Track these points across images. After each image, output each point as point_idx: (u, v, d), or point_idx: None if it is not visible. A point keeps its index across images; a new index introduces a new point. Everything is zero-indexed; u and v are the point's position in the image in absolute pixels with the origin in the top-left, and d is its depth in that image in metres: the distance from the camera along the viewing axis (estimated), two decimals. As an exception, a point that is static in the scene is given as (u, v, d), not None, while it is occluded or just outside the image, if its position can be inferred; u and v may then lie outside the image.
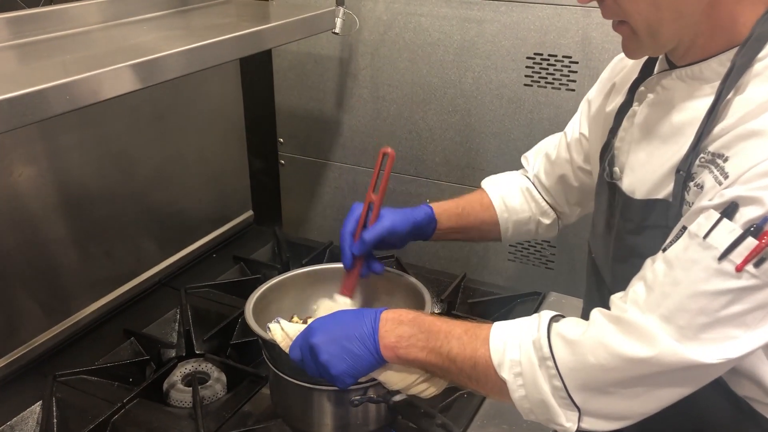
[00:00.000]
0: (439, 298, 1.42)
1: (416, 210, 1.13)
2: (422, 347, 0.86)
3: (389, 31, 1.63)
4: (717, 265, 0.68)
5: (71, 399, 1.18)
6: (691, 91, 0.81)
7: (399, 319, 0.89)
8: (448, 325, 0.87)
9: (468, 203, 1.19)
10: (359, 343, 0.87)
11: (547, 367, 0.78)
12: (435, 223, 1.14)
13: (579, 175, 1.13)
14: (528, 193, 1.19)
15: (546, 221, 1.19)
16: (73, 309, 1.36)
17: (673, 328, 0.71)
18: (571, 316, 0.83)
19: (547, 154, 1.17)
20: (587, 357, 0.75)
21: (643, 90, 0.89)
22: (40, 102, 0.83)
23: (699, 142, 0.76)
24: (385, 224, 1.07)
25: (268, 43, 1.31)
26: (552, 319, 0.82)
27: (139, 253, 1.51)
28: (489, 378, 0.82)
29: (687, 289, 0.70)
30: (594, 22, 1.41)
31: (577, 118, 1.13)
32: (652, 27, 0.77)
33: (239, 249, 1.69)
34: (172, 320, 1.42)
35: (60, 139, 1.27)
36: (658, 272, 0.74)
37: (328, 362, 0.88)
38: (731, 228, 0.68)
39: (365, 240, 1.05)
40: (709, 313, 0.69)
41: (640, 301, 0.74)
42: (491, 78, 1.56)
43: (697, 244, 0.70)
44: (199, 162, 1.63)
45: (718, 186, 0.71)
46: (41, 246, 1.27)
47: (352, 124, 1.78)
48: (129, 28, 1.19)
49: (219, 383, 1.25)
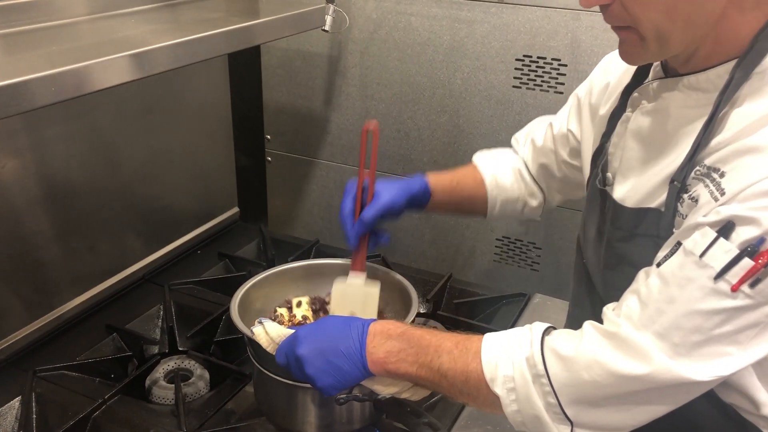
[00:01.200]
0: (425, 298, 1.42)
1: (412, 181, 1.13)
2: (412, 362, 0.85)
3: (379, 30, 1.62)
4: (713, 284, 0.69)
5: (51, 395, 1.17)
6: (688, 101, 0.81)
7: (387, 333, 0.87)
8: (437, 338, 0.85)
9: (462, 177, 1.19)
10: (346, 359, 0.86)
11: (541, 384, 0.78)
12: (429, 195, 1.14)
13: (563, 168, 1.14)
14: (519, 173, 1.20)
15: (533, 202, 1.21)
16: (56, 303, 1.35)
17: (667, 345, 0.71)
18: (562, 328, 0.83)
19: (534, 140, 1.18)
20: (581, 374, 0.75)
21: (637, 96, 0.88)
22: (26, 93, 0.81)
23: (695, 154, 0.75)
24: (383, 201, 1.06)
25: (257, 39, 1.30)
26: (544, 333, 0.81)
27: (123, 248, 1.49)
28: (481, 392, 0.81)
29: (682, 307, 0.70)
30: (583, 25, 1.42)
31: (565, 112, 1.12)
32: (662, 35, 0.75)
33: (224, 246, 1.68)
34: (156, 316, 1.41)
35: (45, 131, 1.25)
36: (652, 288, 0.73)
37: (314, 375, 0.87)
38: (728, 248, 0.68)
39: (365, 220, 1.05)
40: (703, 331, 0.70)
41: (635, 317, 0.74)
42: (480, 79, 1.56)
43: (693, 263, 0.70)
44: (185, 157, 1.61)
45: (713, 202, 0.70)
46: (24, 239, 1.26)
47: (340, 123, 1.77)
48: (117, 21, 1.18)
49: (202, 380, 1.24)
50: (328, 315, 0.97)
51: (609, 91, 0.99)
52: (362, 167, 1.07)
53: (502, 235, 1.69)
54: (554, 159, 1.14)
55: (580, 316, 1.01)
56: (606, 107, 0.98)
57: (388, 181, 1.10)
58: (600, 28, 1.40)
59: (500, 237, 1.69)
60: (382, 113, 1.70)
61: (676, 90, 0.82)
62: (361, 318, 0.91)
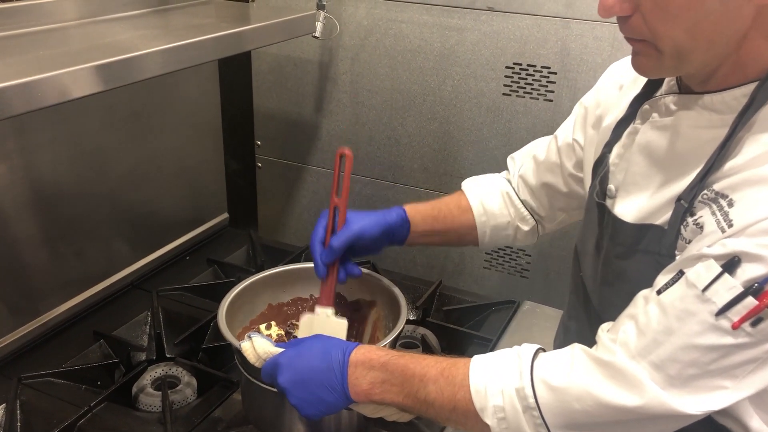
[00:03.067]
0: (414, 304, 1.42)
1: (388, 212, 1.09)
2: (397, 392, 0.84)
3: (370, 37, 1.62)
4: (713, 320, 0.67)
5: (36, 402, 1.15)
6: (700, 120, 0.78)
7: (370, 363, 0.86)
8: (421, 366, 0.84)
9: (445, 205, 1.16)
10: (328, 391, 0.85)
11: (532, 416, 0.77)
12: (408, 226, 1.11)
13: (569, 181, 1.09)
14: (507, 198, 1.16)
15: (525, 228, 1.16)
16: (42, 309, 1.33)
17: (662, 376, 0.70)
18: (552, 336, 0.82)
19: (535, 156, 1.14)
20: (572, 404, 0.75)
21: (648, 108, 0.85)
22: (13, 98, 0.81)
23: (705, 176, 0.74)
24: (352, 229, 1.04)
25: (248, 45, 1.30)
26: (534, 358, 0.79)
27: (111, 254, 1.48)
28: (469, 420, 0.81)
29: (680, 339, 0.69)
30: (573, 33, 1.42)
31: (570, 122, 1.08)
32: (682, 53, 0.73)
33: (213, 252, 1.67)
34: (143, 323, 1.40)
35: (32, 136, 1.24)
36: (651, 317, 0.72)
37: (297, 406, 0.87)
38: (732, 285, 0.66)
39: (333, 247, 1.02)
40: (700, 365, 0.69)
41: (631, 346, 0.72)
42: (470, 86, 1.56)
43: (695, 296, 0.68)
44: (174, 163, 1.61)
45: (720, 233, 0.69)
46: (10, 244, 1.25)
47: (330, 129, 1.77)
48: (106, 26, 1.17)
49: (189, 388, 1.23)
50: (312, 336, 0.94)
51: (616, 100, 0.96)
52: (334, 193, 1.04)
53: (491, 242, 1.69)
54: (560, 173, 1.10)
55: (575, 328, 1.01)
56: (612, 116, 0.95)
57: (362, 211, 1.08)
58: (590, 36, 1.41)
59: (490, 244, 1.69)
60: (373, 120, 1.70)
61: (690, 108, 0.79)
62: (341, 344, 0.89)
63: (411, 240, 1.13)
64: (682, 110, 0.81)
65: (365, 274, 1.14)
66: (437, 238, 1.17)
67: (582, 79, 1.44)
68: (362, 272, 1.11)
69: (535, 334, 1.35)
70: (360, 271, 1.09)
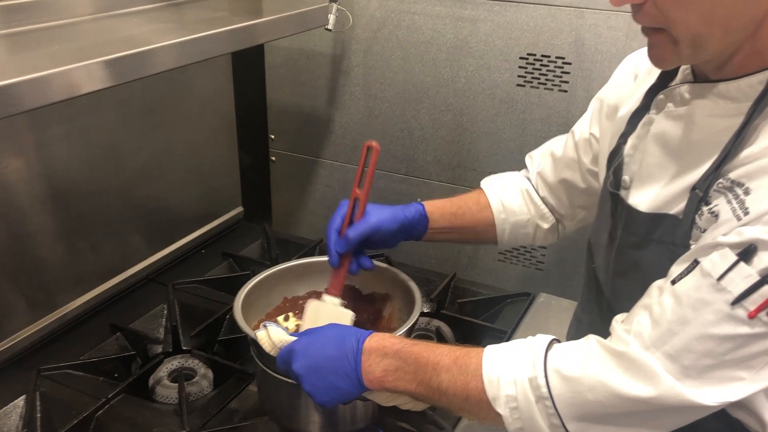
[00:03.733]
0: (428, 297, 1.42)
1: (406, 208, 1.10)
2: (410, 380, 0.84)
3: (382, 29, 1.62)
4: (729, 309, 0.66)
5: (55, 394, 1.17)
6: (716, 109, 0.77)
7: (383, 351, 0.86)
8: (435, 355, 0.84)
9: (464, 202, 1.15)
10: (342, 378, 0.85)
11: (545, 405, 0.76)
12: (427, 222, 1.11)
13: (587, 177, 1.08)
14: (527, 195, 1.15)
15: (544, 225, 1.16)
16: (59, 303, 1.35)
17: (677, 367, 0.69)
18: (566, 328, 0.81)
19: (553, 153, 1.13)
20: (585, 395, 0.74)
21: (663, 98, 0.85)
22: (28, 92, 0.81)
23: (721, 165, 0.73)
24: (370, 221, 1.04)
25: (260, 38, 1.30)
26: (547, 349, 0.79)
27: (127, 248, 1.50)
28: (482, 409, 0.80)
29: (695, 330, 0.68)
30: (587, 23, 1.41)
31: (587, 117, 1.07)
32: (698, 40, 0.72)
33: (228, 245, 1.68)
34: (159, 316, 1.41)
35: (48, 131, 1.25)
36: (665, 307, 0.71)
37: (311, 392, 0.87)
38: (748, 273, 0.65)
39: (349, 238, 1.03)
40: (715, 355, 0.68)
41: (645, 336, 0.72)
42: (484, 77, 1.55)
43: (710, 285, 0.68)
44: (188, 157, 1.61)
45: (735, 221, 0.68)
46: (27, 239, 1.26)
47: (343, 122, 1.77)
48: (119, 20, 1.18)
49: (205, 379, 1.24)
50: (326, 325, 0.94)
51: (630, 90, 0.95)
52: (357, 185, 1.04)
53: (506, 234, 1.68)
54: (578, 168, 1.09)
55: (588, 321, 1.00)
56: (627, 107, 0.94)
57: (381, 205, 1.08)
58: (604, 26, 1.40)
59: (504, 236, 1.69)
60: (386, 112, 1.70)
61: (705, 96, 0.79)
62: (355, 331, 0.89)
63: (429, 236, 1.13)
64: (697, 99, 0.80)
65: (380, 268, 1.14)
66: (455, 235, 1.16)
67: (597, 69, 1.43)
68: (376, 265, 1.11)
69: (551, 326, 1.34)
70: (372, 265, 1.09)
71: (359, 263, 1.08)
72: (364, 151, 1.02)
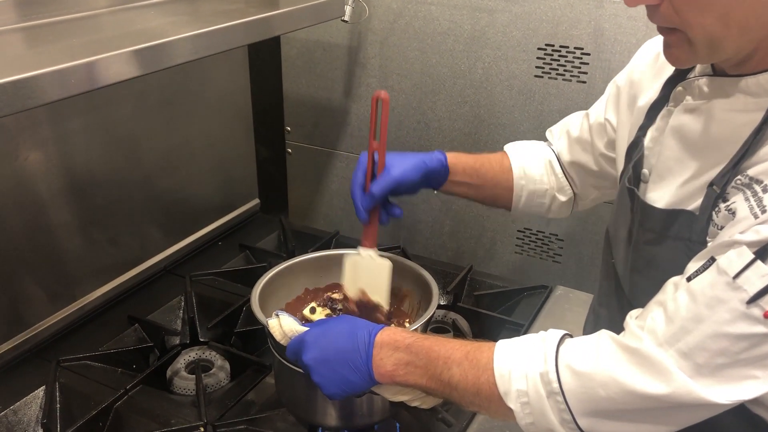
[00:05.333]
0: (445, 290, 1.42)
1: (428, 157, 1.09)
2: (421, 374, 0.84)
3: (399, 20, 1.61)
4: (744, 308, 0.65)
5: (75, 384, 1.18)
6: (735, 104, 0.76)
7: (395, 344, 0.85)
8: (446, 349, 0.83)
9: (486, 160, 1.15)
10: (352, 371, 0.85)
11: (556, 401, 0.76)
12: (447, 172, 1.11)
13: (600, 161, 1.08)
14: (549, 166, 1.15)
15: (562, 198, 1.15)
16: (78, 294, 1.36)
17: (690, 365, 0.69)
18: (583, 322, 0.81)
19: (569, 132, 1.13)
20: (597, 390, 0.73)
21: (681, 90, 0.83)
22: (47, 85, 0.82)
23: (740, 162, 0.72)
24: (393, 175, 1.03)
25: (277, 30, 1.30)
26: (559, 344, 0.78)
27: (145, 240, 1.50)
28: (492, 404, 0.80)
29: (710, 328, 0.67)
30: (607, 13, 1.39)
31: (603, 101, 1.06)
32: (714, 41, 0.70)
33: (245, 237, 1.68)
34: (177, 307, 1.41)
35: (66, 124, 1.26)
36: (680, 304, 0.70)
37: (320, 384, 0.87)
38: (764, 272, 0.65)
39: (374, 194, 1.03)
40: (729, 354, 0.67)
41: (659, 333, 0.71)
42: (501, 69, 1.54)
43: (726, 283, 0.67)
44: (205, 149, 1.62)
45: (753, 219, 0.67)
46: (46, 231, 1.27)
47: (359, 114, 1.76)
48: (136, 13, 1.18)
49: (223, 371, 1.25)
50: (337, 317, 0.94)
51: (650, 79, 0.94)
52: (372, 137, 1.03)
53: (523, 227, 1.67)
54: (591, 151, 1.08)
55: (606, 315, 0.99)
56: (646, 97, 0.92)
57: (402, 154, 1.07)
58: (624, 16, 1.38)
59: (521, 229, 1.68)
60: (402, 104, 1.69)
61: (725, 91, 0.77)
62: (367, 325, 0.89)
63: (446, 187, 1.13)
64: (716, 93, 0.79)
65: (399, 262, 1.14)
66: (472, 191, 1.15)
67: (616, 60, 1.41)
68: (395, 260, 1.12)
69: (568, 319, 1.34)
70: (401, 212, 1.09)
71: (388, 212, 1.08)
72: (374, 103, 1.01)
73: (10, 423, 1.12)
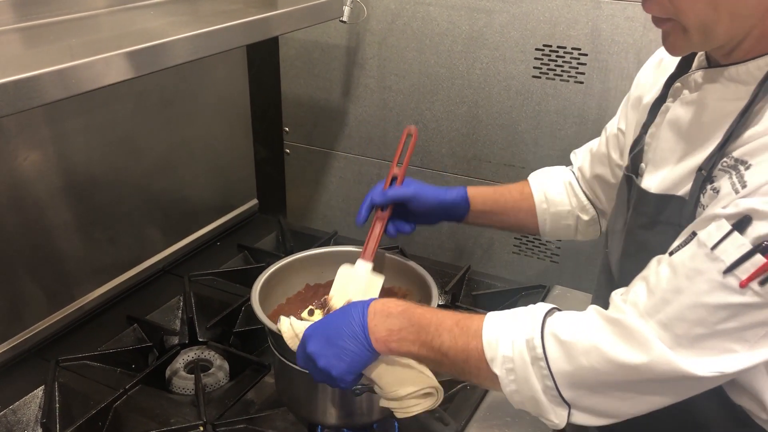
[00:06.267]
0: (443, 289, 1.42)
1: (448, 189, 1.13)
2: (413, 341, 0.85)
3: (397, 21, 1.61)
4: (721, 278, 0.67)
5: (74, 384, 1.18)
6: (726, 93, 0.79)
7: (387, 311, 0.87)
8: (438, 317, 0.85)
9: (507, 190, 1.19)
10: (351, 340, 0.86)
11: (539, 367, 0.77)
12: (468, 205, 1.14)
13: (615, 171, 1.09)
14: (570, 187, 1.17)
15: (585, 217, 1.17)
16: (77, 295, 1.36)
17: (669, 335, 0.70)
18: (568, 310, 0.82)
19: (591, 149, 1.15)
20: (580, 359, 0.75)
21: (679, 86, 0.86)
22: (47, 85, 0.82)
23: (725, 145, 0.74)
24: (410, 187, 1.09)
25: (275, 31, 1.30)
26: (547, 314, 0.80)
27: (143, 240, 1.51)
28: (481, 371, 0.82)
29: (688, 298, 0.69)
30: (604, 14, 1.40)
31: (618, 112, 1.09)
32: (707, 27, 0.73)
33: (243, 237, 1.68)
34: (176, 307, 1.42)
35: (65, 124, 1.26)
36: (661, 276, 0.73)
37: (327, 365, 0.88)
38: (741, 242, 0.66)
39: (387, 193, 1.06)
40: (707, 325, 0.69)
41: (640, 305, 0.73)
42: (499, 69, 1.54)
43: (704, 254, 0.69)
44: (204, 149, 1.62)
45: (734, 194, 0.69)
46: (45, 231, 1.27)
47: (358, 114, 1.77)
48: (135, 13, 1.18)
49: (222, 371, 1.25)
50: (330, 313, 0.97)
51: (653, 81, 0.97)
52: (396, 162, 1.09)
53: (521, 227, 1.68)
54: (607, 163, 1.10)
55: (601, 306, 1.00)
56: (650, 96, 0.95)
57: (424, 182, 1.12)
58: (621, 16, 1.38)
59: (519, 228, 1.68)
60: (400, 104, 1.69)
61: (716, 81, 0.80)
62: (362, 301, 0.91)
63: (470, 219, 1.16)
64: (709, 83, 0.81)
65: (398, 261, 1.14)
66: (496, 221, 1.19)
67: (613, 60, 1.42)
68: (394, 259, 1.13)
69: (566, 318, 1.34)
70: (411, 229, 1.13)
71: (397, 227, 1.12)
72: (404, 136, 1.10)
73: (9, 423, 1.12)
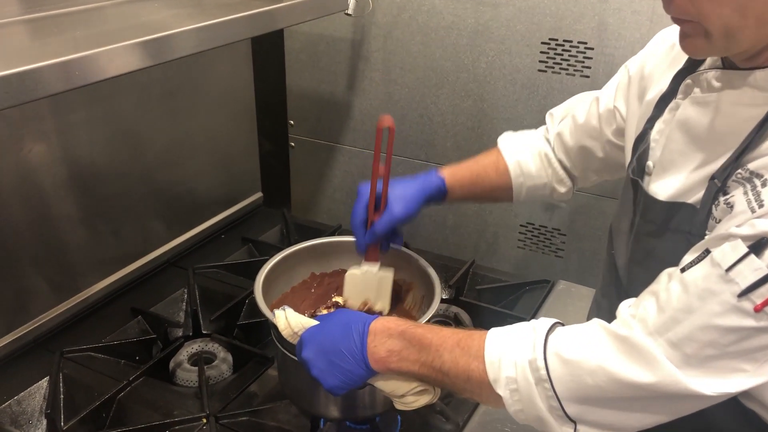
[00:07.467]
0: (447, 284, 1.42)
1: (427, 182, 1.11)
2: (414, 361, 0.84)
3: (403, 14, 1.61)
4: (735, 301, 0.66)
5: (78, 375, 1.19)
6: (742, 97, 0.76)
7: (388, 331, 0.86)
8: (439, 337, 0.84)
9: (483, 169, 1.16)
10: (348, 359, 0.86)
11: (544, 388, 0.76)
12: (446, 193, 1.13)
13: (606, 147, 1.07)
14: (545, 159, 1.15)
15: (561, 189, 1.16)
16: (81, 286, 1.37)
17: (678, 355, 0.69)
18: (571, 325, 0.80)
19: (575, 117, 1.11)
20: (585, 378, 0.74)
21: (690, 83, 0.83)
22: (51, 77, 0.82)
23: (741, 155, 0.72)
24: (395, 214, 1.05)
25: (280, 23, 1.29)
26: (549, 331, 0.78)
27: (148, 232, 1.51)
28: (483, 391, 0.80)
29: (700, 319, 0.68)
30: (611, 7, 1.39)
31: (613, 86, 1.05)
32: (731, 32, 0.70)
33: (248, 230, 1.68)
34: (180, 300, 1.42)
35: (70, 116, 1.26)
36: (672, 294, 0.71)
37: (319, 377, 0.88)
38: (757, 266, 0.64)
39: (376, 232, 1.05)
40: (718, 346, 0.67)
41: (649, 322, 0.71)
42: (505, 63, 1.54)
43: (718, 276, 0.67)
44: (209, 142, 1.62)
45: (750, 213, 0.67)
46: (50, 223, 1.28)
47: (363, 108, 1.77)
48: (141, 6, 1.18)
49: (225, 363, 1.25)
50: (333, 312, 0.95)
51: (662, 71, 0.93)
52: (376, 166, 1.04)
53: (525, 222, 1.67)
54: (598, 138, 1.07)
55: (607, 306, 0.99)
56: (655, 90, 0.92)
57: (402, 183, 1.08)
58: (628, 10, 1.38)
59: (524, 223, 1.68)
60: (405, 98, 1.69)
61: (733, 84, 0.77)
62: (362, 315, 0.90)
63: (447, 202, 1.16)
64: (725, 86, 0.78)
65: (403, 254, 1.14)
66: (472, 199, 1.20)
67: (619, 54, 1.41)
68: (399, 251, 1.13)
69: (570, 313, 1.34)
70: (401, 241, 1.13)
71: (389, 242, 1.11)
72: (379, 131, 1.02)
73: (14, 413, 1.12)
